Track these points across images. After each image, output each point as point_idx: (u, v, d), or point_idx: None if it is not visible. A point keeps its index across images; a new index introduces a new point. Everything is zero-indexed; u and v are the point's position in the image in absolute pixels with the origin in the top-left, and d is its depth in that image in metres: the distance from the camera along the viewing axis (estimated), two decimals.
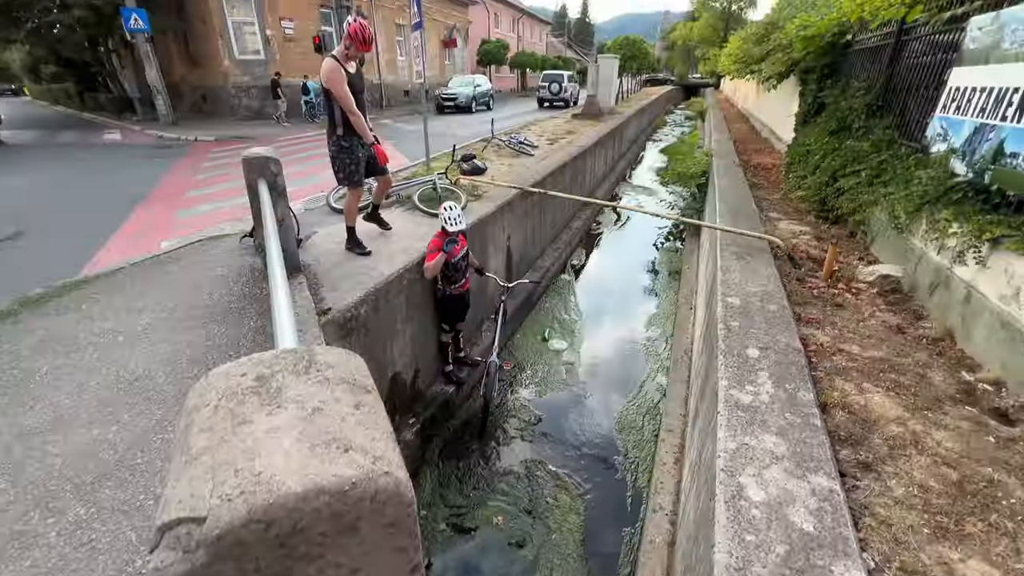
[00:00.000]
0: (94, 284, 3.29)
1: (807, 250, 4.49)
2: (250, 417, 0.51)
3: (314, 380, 0.57)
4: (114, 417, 1.94)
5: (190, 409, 0.55)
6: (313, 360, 0.61)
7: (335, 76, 3.42)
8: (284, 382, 0.56)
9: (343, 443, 0.49)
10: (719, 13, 37.59)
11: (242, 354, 2.41)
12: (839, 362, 2.77)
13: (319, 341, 2.48)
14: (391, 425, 0.56)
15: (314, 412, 0.52)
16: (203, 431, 0.50)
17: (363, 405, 0.56)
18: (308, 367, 0.59)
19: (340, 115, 3.58)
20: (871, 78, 5.77)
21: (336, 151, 3.72)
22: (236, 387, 0.55)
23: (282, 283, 1.32)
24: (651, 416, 4.61)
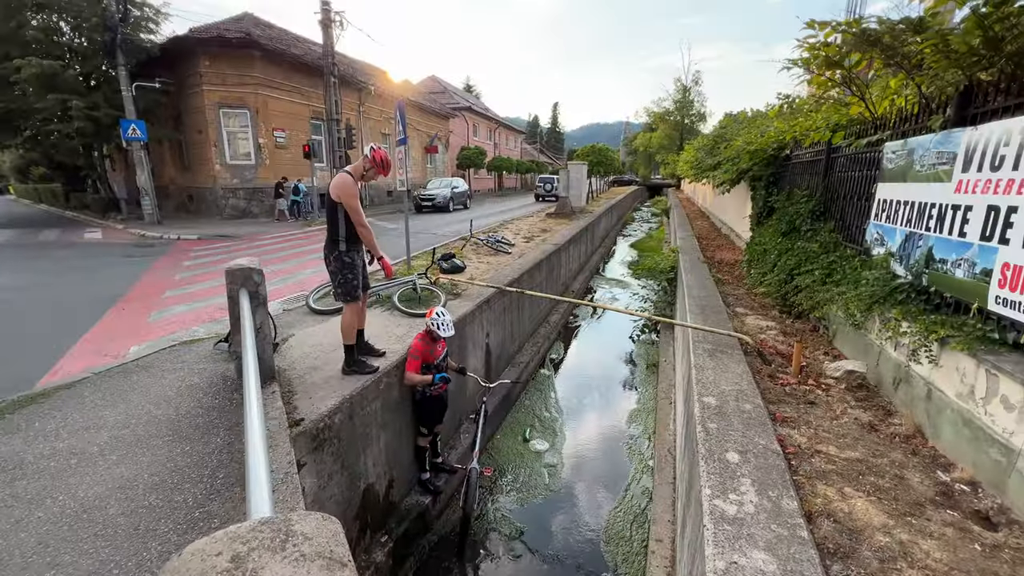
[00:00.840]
0: (52, 397, 3.13)
1: (775, 345, 4.66)
2: None
3: (291, 558, 0.58)
4: (53, 559, 1.76)
5: None
6: (290, 533, 0.62)
7: (352, 191, 3.45)
8: (260, 562, 0.57)
9: None
10: (674, 125, 42.17)
11: (205, 476, 2.29)
12: (818, 464, 2.77)
13: (290, 458, 2.38)
14: None
15: None
16: None
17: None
18: (284, 542, 0.60)
19: (345, 230, 3.54)
20: (811, 187, 6.44)
21: (339, 267, 3.60)
22: (211, 571, 0.56)
23: (260, 436, 1.30)
24: (639, 524, 4.38)
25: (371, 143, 3.76)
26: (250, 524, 0.62)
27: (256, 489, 1.01)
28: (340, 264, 3.61)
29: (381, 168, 3.66)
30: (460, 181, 23.80)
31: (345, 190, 3.45)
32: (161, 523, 1.96)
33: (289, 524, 0.63)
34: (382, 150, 3.69)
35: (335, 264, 3.61)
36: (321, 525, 0.65)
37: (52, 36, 14.92)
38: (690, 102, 41.96)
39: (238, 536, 0.60)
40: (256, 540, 0.60)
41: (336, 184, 3.47)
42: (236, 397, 3.14)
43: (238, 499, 2.11)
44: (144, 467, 2.33)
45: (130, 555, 1.79)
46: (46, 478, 2.23)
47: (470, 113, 38.17)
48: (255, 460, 1.12)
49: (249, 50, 16.00)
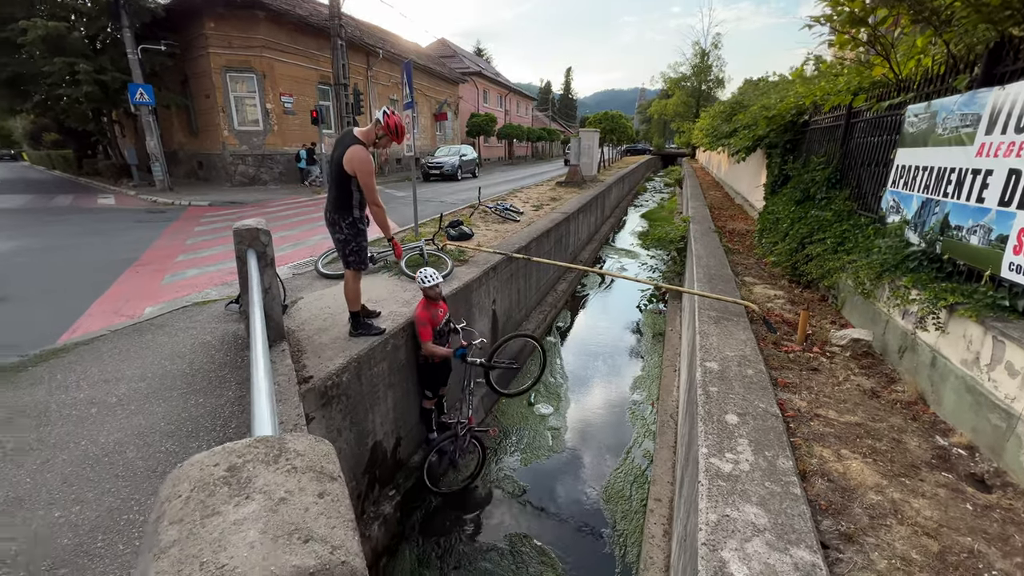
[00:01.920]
0: (72, 352, 3.25)
1: (782, 314, 4.64)
2: (219, 508, 0.55)
3: (283, 469, 0.61)
4: (77, 496, 1.87)
5: (162, 500, 0.58)
6: (283, 449, 0.65)
7: (368, 167, 3.32)
8: (254, 472, 0.60)
9: (304, 533, 0.52)
10: (690, 91, 40.78)
11: (218, 426, 2.38)
12: (816, 428, 2.81)
13: (299, 411, 2.46)
14: (353, 512, 0.60)
15: (280, 502, 0.56)
16: (173, 523, 0.53)
17: (327, 494, 0.60)
18: (278, 456, 0.64)
19: (359, 199, 3.45)
20: (829, 154, 6.26)
21: (352, 234, 3.48)
22: (208, 477, 0.59)
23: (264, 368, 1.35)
24: (639, 484, 4.50)
25: (383, 107, 3.53)
26: (247, 441, 0.66)
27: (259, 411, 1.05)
28: (355, 231, 3.49)
29: (395, 135, 3.46)
30: (469, 149, 23.40)
31: (362, 166, 3.28)
32: None
33: (283, 442, 0.66)
34: (396, 115, 3.46)
35: (348, 231, 3.47)
36: (313, 444, 0.69)
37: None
38: (708, 67, 40.40)
39: (234, 450, 0.64)
40: (251, 454, 0.63)
41: (352, 158, 3.28)
42: (247, 355, 3.23)
43: None
44: (160, 417, 2.43)
45: (148, 494, 1.90)
46: (69, 425, 2.35)
47: (480, 78, 37.23)
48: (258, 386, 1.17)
49: (253, 11, 15.63)
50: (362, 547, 0.56)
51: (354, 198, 3.44)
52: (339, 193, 3.42)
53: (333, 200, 3.46)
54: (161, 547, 0.51)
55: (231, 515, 0.54)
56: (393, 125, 3.43)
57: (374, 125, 3.46)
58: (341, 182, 3.38)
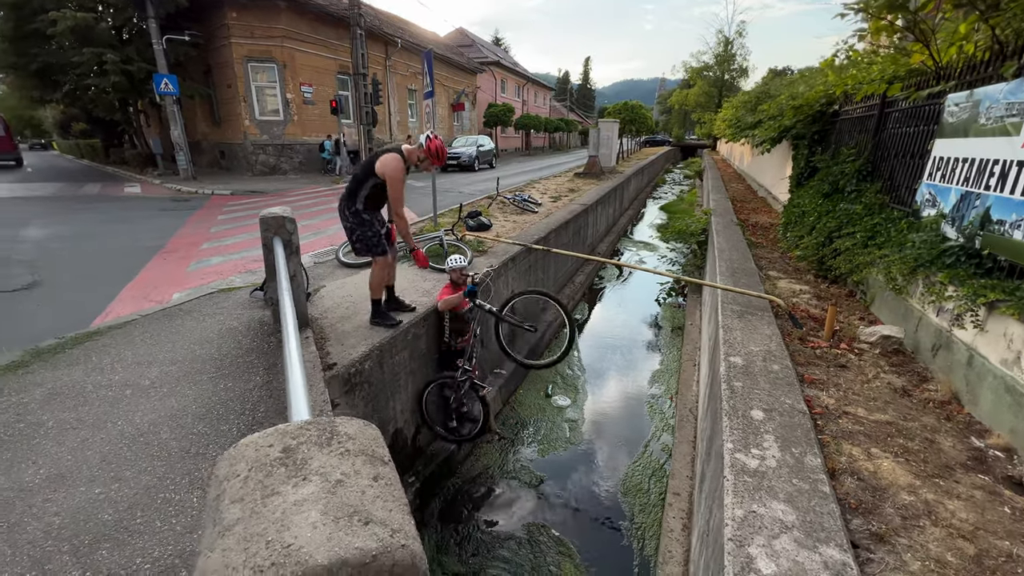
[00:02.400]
0: (106, 336, 3.35)
1: (808, 309, 4.54)
2: (278, 488, 0.55)
3: (336, 452, 0.62)
4: (116, 474, 1.93)
5: (221, 479, 0.59)
6: (335, 432, 0.65)
7: (398, 175, 3.38)
8: (308, 454, 0.61)
9: (363, 515, 0.52)
10: (713, 81, 39.88)
11: (247, 410, 2.43)
12: (845, 425, 2.75)
13: (324, 397, 2.50)
14: (406, 496, 0.59)
15: (337, 484, 0.56)
16: (235, 502, 0.54)
17: (381, 477, 0.60)
18: (330, 439, 0.64)
19: (366, 200, 3.52)
20: (860, 145, 6.06)
21: (356, 223, 3.56)
22: (264, 458, 0.60)
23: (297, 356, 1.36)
24: (657, 478, 4.48)
25: (427, 132, 3.61)
26: (298, 423, 0.66)
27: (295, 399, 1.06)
28: (358, 220, 3.57)
29: (436, 159, 3.57)
30: (486, 139, 23.33)
31: (393, 173, 3.36)
32: (209, 448, 2.11)
33: (334, 425, 0.67)
34: (439, 139, 3.56)
35: (352, 220, 3.57)
36: (363, 428, 0.69)
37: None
38: (732, 56, 39.40)
39: (287, 432, 0.64)
40: (304, 436, 0.64)
41: (386, 163, 3.36)
42: (273, 340, 3.29)
43: None
44: (191, 400, 2.49)
45: (183, 474, 1.95)
46: (105, 405, 2.42)
47: (498, 68, 36.96)
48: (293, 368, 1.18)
49: (275, 1, 15.72)
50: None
51: (361, 194, 3.52)
52: (353, 185, 3.54)
53: (346, 190, 3.58)
54: (225, 524, 0.51)
55: (291, 495, 0.54)
56: (435, 148, 3.53)
57: (417, 147, 3.57)
58: (361, 178, 3.49)
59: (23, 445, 2.11)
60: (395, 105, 22.58)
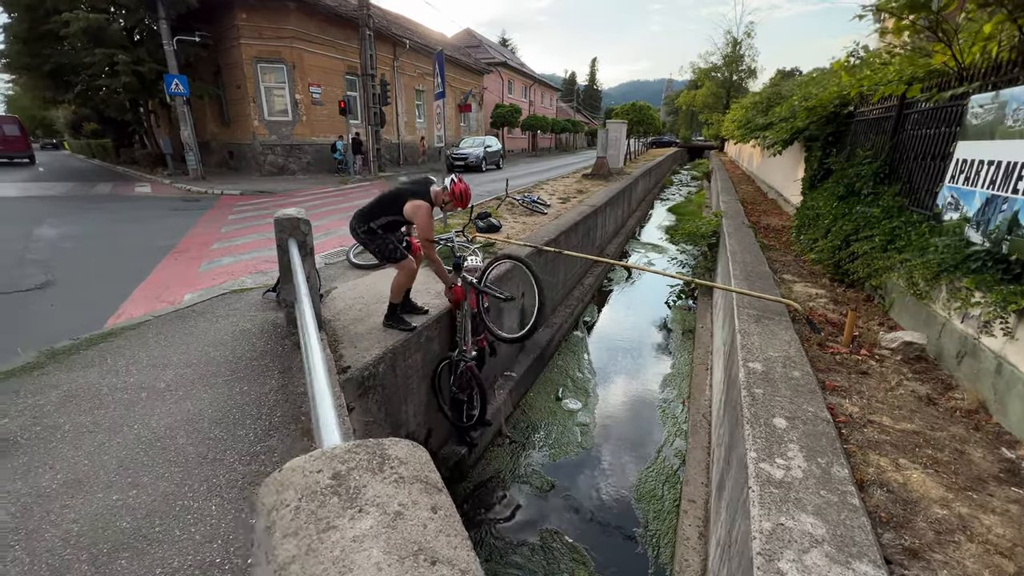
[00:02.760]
0: (120, 337, 3.34)
1: (825, 314, 4.47)
2: (334, 522, 0.51)
3: (390, 479, 0.58)
4: (133, 480, 1.91)
5: (269, 508, 0.55)
6: (385, 456, 0.61)
7: (427, 221, 3.42)
8: (361, 481, 0.57)
9: (429, 554, 0.48)
10: (721, 82, 39.67)
11: (263, 414, 2.40)
12: (871, 435, 2.68)
13: (340, 401, 2.47)
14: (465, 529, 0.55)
15: (396, 517, 0.52)
16: (288, 536, 0.50)
17: (439, 508, 0.56)
18: (381, 464, 0.60)
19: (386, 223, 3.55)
20: (876, 147, 5.97)
21: (367, 238, 3.58)
22: (314, 485, 0.56)
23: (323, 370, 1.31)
24: (671, 484, 4.42)
25: (452, 176, 3.69)
26: (346, 445, 0.62)
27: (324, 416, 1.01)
28: (370, 235, 3.57)
29: (460, 202, 3.62)
30: (494, 140, 23.29)
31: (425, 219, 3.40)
32: (227, 454, 2.09)
33: (383, 448, 0.63)
34: (463, 183, 3.61)
35: (364, 236, 3.58)
36: (413, 451, 0.65)
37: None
38: (740, 56, 39.18)
39: (336, 456, 0.61)
40: (354, 460, 0.60)
41: (417, 208, 3.38)
42: (287, 343, 3.27)
43: (296, 435, 2.22)
44: (207, 403, 2.47)
45: (201, 480, 1.92)
46: (121, 408, 2.40)
47: (505, 69, 36.95)
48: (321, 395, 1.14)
49: (284, 2, 15.78)
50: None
51: (380, 220, 3.55)
52: (374, 208, 3.56)
53: (363, 210, 3.60)
54: (280, 562, 0.47)
55: (348, 530, 0.50)
56: (459, 192, 3.59)
57: (442, 190, 3.62)
58: (387, 206, 3.52)
59: (40, 449, 2.09)
60: (403, 106, 22.61)
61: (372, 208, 3.56)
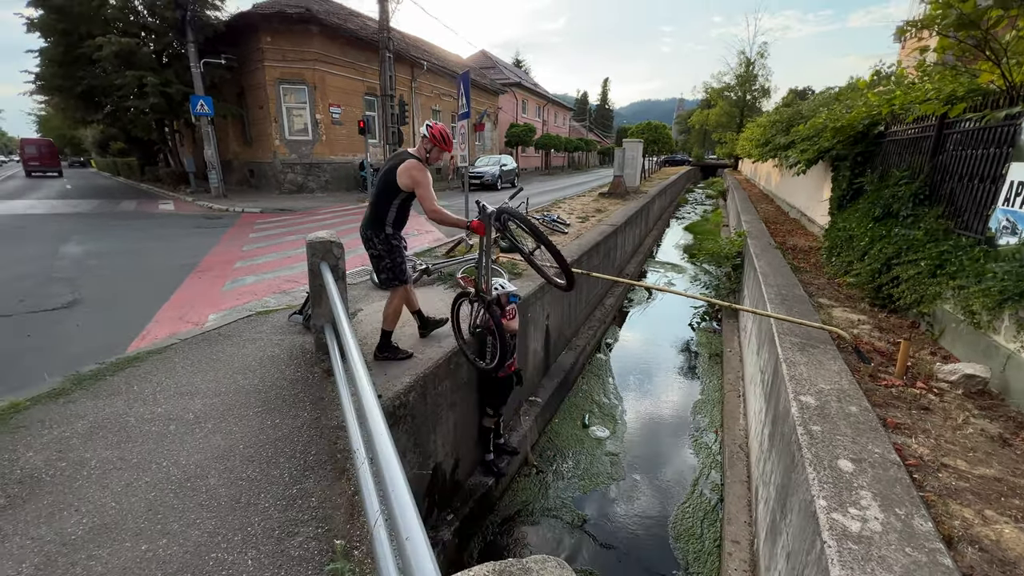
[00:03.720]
0: (146, 362, 3.25)
1: (871, 342, 4.24)
2: None
3: None
4: (163, 527, 1.78)
5: None
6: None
7: (426, 179, 3.24)
8: None
9: None
10: (734, 102, 39.72)
11: (297, 452, 2.27)
12: (947, 480, 2.46)
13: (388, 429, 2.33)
14: None
15: None
16: None
17: None
18: None
19: (395, 216, 3.38)
20: (913, 167, 5.79)
21: (386, 250, 3.38)
22: None
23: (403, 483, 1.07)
24: (710, 522, 4.18)
25: (426, 122, 3.43)
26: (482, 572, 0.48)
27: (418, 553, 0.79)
28: (388, 247, 3.37)
29: (442, 143, 3.37)
30: (509, 159, 23.49)
31: (419, 176, 3.21)
32: (261, 497, 1.95)
33: None
34: (438, 124, 3.39)
35: (382, 247, 3.37)
36: None
37: (128, 15, 15.62)
38: (753, 76, 39.27)
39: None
40: None
41: (408, 169, 3.20)
42: (316, 371, 3.15)
43: (332, 477, 2.08)
44: (238, 438, 2.35)
45: (235, 529, 1.79)
46: (149, 443, 2.29)
47: (519, 89, 37.44)
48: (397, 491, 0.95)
49: (308, 25, 16.18)
50: None
51: (390, 215, 3.35)
52: (377, 209, 3.35)
53: (369, 216, 3.39)
54: None
55: None
56: (438, 133, 3.35)
57: (421, 141, 3.40)
58: (384, 197, 3.31)
59: (65, 488, 1.98)
60: (420, 125, 22.92)
61: (378, 202, 3.33)
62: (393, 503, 0.95)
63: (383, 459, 1.06)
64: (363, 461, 1.55)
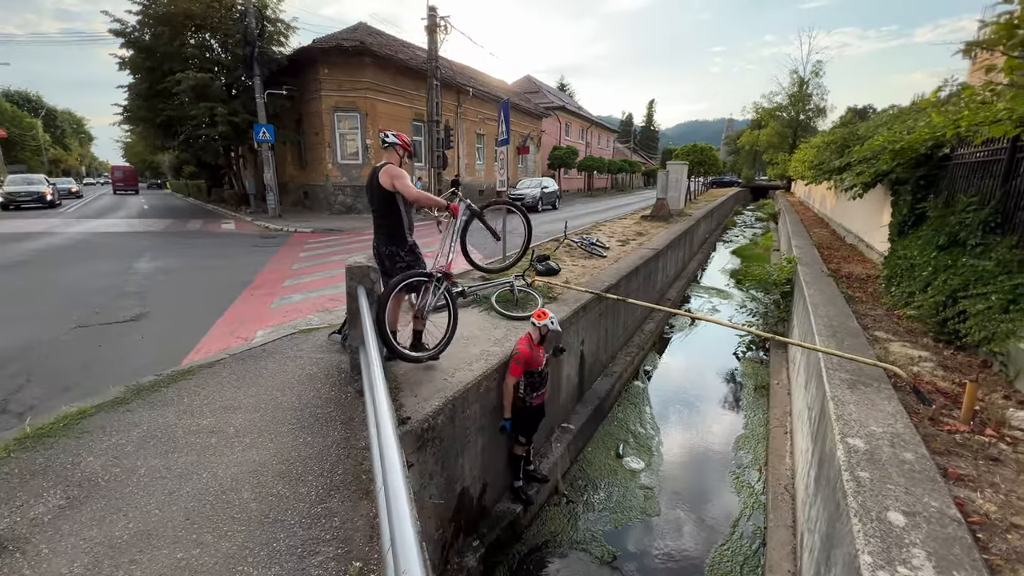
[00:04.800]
0: (197, 375, 3.48)
1: (934, 382, 3.91)
2: None
3: None
4: (198, 537, 1.88)
5: None
6: None
7: (406, 178, 3.44)
8: None
9: None
10: (787, 122, 38.47)
11: (325, 470, 2.34)
12: (1017, 543, 2.21)
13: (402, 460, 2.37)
14: None
15: None
16: None
17: None
18: None
19: (408, 220, 3.57)
20: (983, 193, 5.40)
21: (413, 260, 3.57)
22: None
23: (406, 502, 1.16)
24: (750, 567, 3.93)
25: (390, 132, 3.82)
26: None
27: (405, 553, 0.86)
28: (414, 257, 3.58)
29: (407, 146, 3.78)
30: (550, 181, 23.71)
31: (400, 178, 3.42)
32: (288, 514, 2.03)
33: None
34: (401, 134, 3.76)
35: (409, 258, 3.55)
36: None
37: (204, 52, 17.20)
38: (807, 96, 37.96)
39: None
40: None
41: (386, 171, 3.46)
42: (349, 390, 3.26)
43: (355, 498, 2.13)
44: (272, 454, 2.46)
45: (262, 543, 1.86)
46: (192, 454, 2.44)
47: (563, 112, 37.93)
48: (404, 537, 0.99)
49: (362, 57, 17.18)
50: None
51: (405, 222, 3.55)
52: (390, 221, 3.52)
53: (386, 234, 3.56)
54: None
55: None
56: (400, 138, 3.74)
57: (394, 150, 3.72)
58: (388, 209, 3.50)
59: (116, 493, 2.13)
60: (463, 149, 23.61)
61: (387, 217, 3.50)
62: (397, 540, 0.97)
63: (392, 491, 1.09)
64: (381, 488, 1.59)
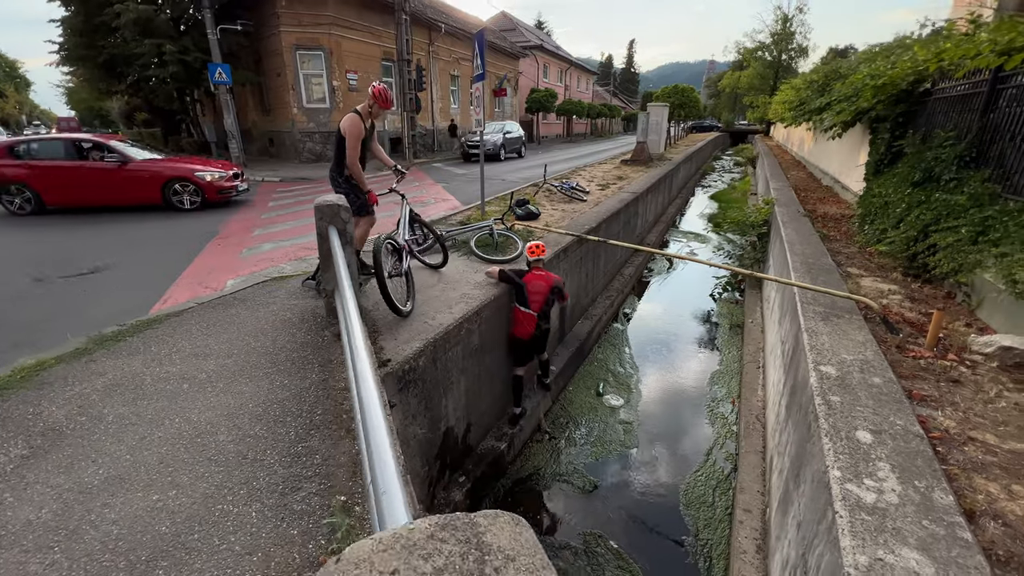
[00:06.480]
0: (164, 324, 3.33)
1: (902, 312, 4.05)
2: None
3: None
4: (173, 479, 1.83)
5: None
6: (484, 548, 0.42)
7: (355, 131, 3.83)
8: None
9: None
10: (768, 63, 37.60)
11: (304, 411, 2.29)
12: (973, 454, 2.35)
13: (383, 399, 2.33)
14: None
15: None
16: None
17: None
18: (481, 563, 0.41)
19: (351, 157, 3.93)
20: (960, 127, 5.39)
21: (348, 188, 4.01)
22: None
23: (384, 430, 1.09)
24: (722, 490, 4.16)
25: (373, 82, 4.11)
26: (426, 528, 0.44)
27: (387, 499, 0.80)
28: (349, 186, 4.00)
29: (384, 103, 3.94)
30: (514, 125, 21.20)
31: (349, 128, 3.82)
32: (267, 453, 1.99)
33: (477, 531, 0.44)
34: (380, 86, 3.92)
35: (345, 186, 4.00)
36: (516, 535, 0.46)
37: None
38: (791, 34, 36.94)
39: (413, 545, 0.42)
40: (441, 556, 0.41)
41: (345, 122, 3.84)
42: (326, 334, 3.18)
43: (336, 436, 2.10)
44: (248, 397, 2.39)
45: (241, 482, 1.83)
46: (163, 400, 2.35)
47: (541, 52, 36.16)
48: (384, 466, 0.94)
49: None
50: None
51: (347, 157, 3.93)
52: (337, 155, 4.00)
53: (335, 161, 4.06)
54: None
55: None
56: (378, 93, 3.90)
57: (367, 99, 3.98)
58: (340, 146, 3.94)
59: (84, 441, 2.05)
60: (437, 92, 22.46)
61: (337, 151, 3.98)
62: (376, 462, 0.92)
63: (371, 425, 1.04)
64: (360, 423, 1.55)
